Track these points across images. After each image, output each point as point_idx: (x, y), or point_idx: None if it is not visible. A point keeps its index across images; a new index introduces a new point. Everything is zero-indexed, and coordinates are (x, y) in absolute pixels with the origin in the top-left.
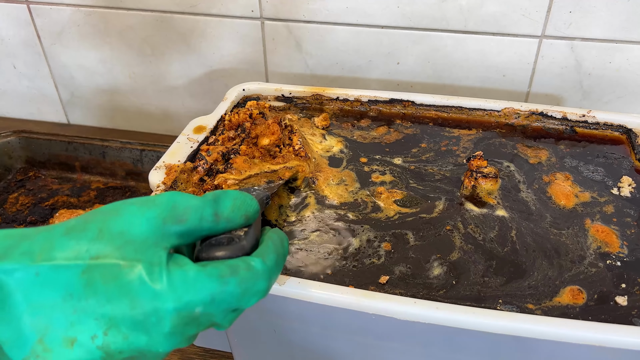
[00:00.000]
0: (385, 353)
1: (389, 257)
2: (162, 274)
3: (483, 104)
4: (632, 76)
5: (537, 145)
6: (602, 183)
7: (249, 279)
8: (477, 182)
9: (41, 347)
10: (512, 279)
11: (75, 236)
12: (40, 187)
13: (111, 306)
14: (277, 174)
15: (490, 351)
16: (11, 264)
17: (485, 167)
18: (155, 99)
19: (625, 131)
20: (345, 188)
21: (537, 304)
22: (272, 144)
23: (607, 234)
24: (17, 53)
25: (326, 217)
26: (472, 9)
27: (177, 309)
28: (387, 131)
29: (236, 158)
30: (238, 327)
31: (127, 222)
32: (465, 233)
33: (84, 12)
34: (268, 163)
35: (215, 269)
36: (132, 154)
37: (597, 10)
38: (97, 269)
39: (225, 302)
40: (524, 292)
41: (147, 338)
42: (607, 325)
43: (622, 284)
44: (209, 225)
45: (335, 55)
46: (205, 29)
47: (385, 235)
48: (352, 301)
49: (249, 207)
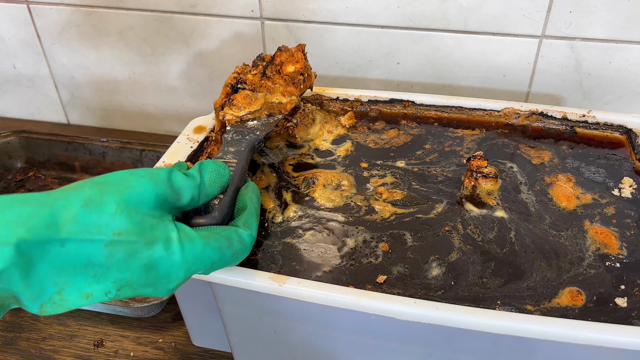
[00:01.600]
0: (385, 353)
1: (386, 257)
2: (177, 248)
3: (483, 104)
4: (632, 76)
5: (539, 145)
6: (604, 184)
7: (241, 250)
8: (477, 182)
9: (58, 297)
10: (511, 280)
11: (96, 210)
12: (40, 187)
13: (130, 274)
14: (282, 106)
15: (490, 351)
16: (38, 236)
17: (485, 167)
18: (155, 99)
19: (626, 131)
20: (340, 193)
21: (536, 305)
22: (297, 72)
23: (606, 235)
24: (17, 53)
25: (322, 218)
26: (472, 9)
27: (186, 275)
28: (397, 134)
29: (237, 94)
30: (238, 327)
31: (139, 197)
32: (464, 234)
33: (84, 12)
34: (277, 94)
35: (216, 242)
36: (132, 154)
37: (597, 10)
38: (119, 244)
39: (218, 268)
40: (522, 294)
41: (152, 290)
42: (607, 325)
43: (621, 286)
44: (194, 203)
45: (335, 55)
46: (205, 29)
47: (383, 235)
48: (352, 301)
49: (223, 177)
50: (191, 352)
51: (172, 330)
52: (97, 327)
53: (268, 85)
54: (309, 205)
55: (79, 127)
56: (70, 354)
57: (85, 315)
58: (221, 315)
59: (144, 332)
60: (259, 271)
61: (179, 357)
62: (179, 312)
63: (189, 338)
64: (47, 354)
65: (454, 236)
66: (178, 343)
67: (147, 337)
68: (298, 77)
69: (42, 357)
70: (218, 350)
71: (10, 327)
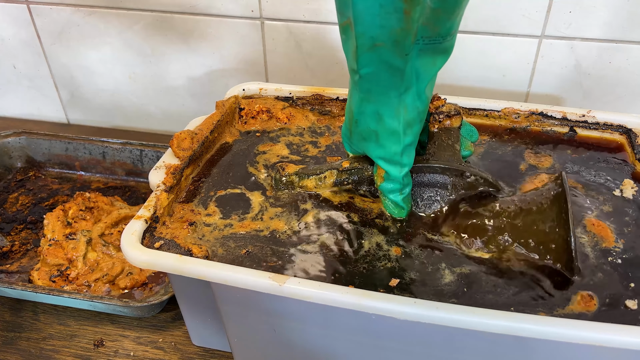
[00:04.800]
0: (385, 353)
1: (398, 262)
2: None
3: (483, 104)
4: (632, 76)
5: (542, 151)
6: (605, 186)
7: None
8: (442, 124)
9: None
10: (525, 289)
11: None
12: (40, 187)
13: None
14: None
15: (490, 351)
16: None
17: (443, 106)
18: (155, 99)
19: (625, 131)
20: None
21: (549, 313)
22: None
23: (602, 228)
24: (17, 53)
25: (331, 220)
26: (472, 9)
27: None
28: None
29: None
30: (238, 327)
31: None
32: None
33: (84, 12)
34: None
35: None
36: (132, 154)
37: (597, 10)
38: None
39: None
40: (537, 301)
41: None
42: (607, 325)
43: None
44: None
45: (335, 55)
46: (205, 29)
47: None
48: (352, 301)
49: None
50: (191, 352)
51: (172, 330)
52: (97, 327)
53: None
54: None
55: (79, 127)
56: (70, 354)
57: (85, 315)
58: (221, 315)
59: (144, 332)
60: (259, 271)
61: (179, 357)
62: (179, 312)
63: (189, 338)
64: (47, 354)
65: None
66: (178, 343)
67: (147, 337)
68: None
69: (42, 357)
70: (218, 350)
71: (10, 327)
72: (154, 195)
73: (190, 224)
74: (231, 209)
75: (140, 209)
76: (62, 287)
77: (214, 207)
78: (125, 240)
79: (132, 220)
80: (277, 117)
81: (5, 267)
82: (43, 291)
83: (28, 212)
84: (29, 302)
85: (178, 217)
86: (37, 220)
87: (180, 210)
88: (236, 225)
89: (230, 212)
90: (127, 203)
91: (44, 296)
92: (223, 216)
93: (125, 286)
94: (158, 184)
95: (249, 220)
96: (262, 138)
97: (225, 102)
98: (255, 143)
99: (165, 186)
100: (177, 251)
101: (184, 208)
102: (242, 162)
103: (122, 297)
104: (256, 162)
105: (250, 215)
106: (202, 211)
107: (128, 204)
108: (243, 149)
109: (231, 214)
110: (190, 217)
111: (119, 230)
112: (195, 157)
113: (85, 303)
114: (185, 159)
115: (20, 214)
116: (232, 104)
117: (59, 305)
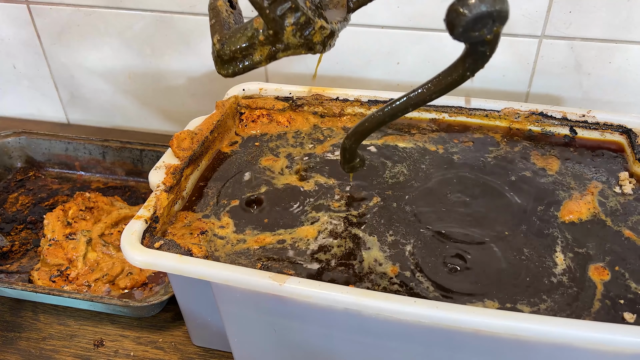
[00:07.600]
0: (385, 353)
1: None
2: None
3: (483, 104)
4: (632, 76)
5: (546, 152)
6: (606, 183)
7: None
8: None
9: None
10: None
11: None
12: (40, 187)
13: None
14: None
15: (490, 351)
16: None
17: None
18: (155, 99)
19: (625, 131)
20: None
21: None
22: None
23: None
24: (17, 53)
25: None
26: None
27: None
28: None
29: None
30: (238, 327)
31: None
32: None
33: (84, 12)
34: None
35: None
36: (132, 154)
37: (597, 10)
38: None
39: None
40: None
41: None
42: (607, 325)
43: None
44: None
45: (335, 55)
46: (205, 29)
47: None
48: (352, 301)
49: None
50: (191, 352)
51: (172, 330)
52: (97, 327)
53: None
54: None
55: (79, 127)
56: (70, 354)
57: (85, 315)
58: (221, 315)
59: (144, 332)
60: (259, 271)
61: (179, 357)
62: (179, 312)
63: (189, 338)
64: (47, 354)
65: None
66: (178, 343)
67: (147, 337)
68: None
69: (42, 357)
70: (218, 350)
71: (10, 327)
72: (154, 195)
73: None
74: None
75: (140, 209)
76: (62, 287)
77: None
78: (125, 240)
79: (132, 220)
80: (278, 121)
81: (5, 267)
82: (43, 291)
83: (28, 212)
84: (29, 302)
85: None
86: (37, 220)
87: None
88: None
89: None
90: (127, 203)
91: (44, 296)
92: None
93: (125, 286)
94: (158, 184)
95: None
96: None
97: (225, 102)
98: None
99: (165, 186)
100: (177, 251)
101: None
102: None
103: (122, 297)
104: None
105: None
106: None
107: (128, 204)
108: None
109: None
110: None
111: (119, 230)
112: (195, 157)
113: (85, 303)
114: (185, 159)
115: (20, 214)
116: (232, 104)
117: (59, 305)
